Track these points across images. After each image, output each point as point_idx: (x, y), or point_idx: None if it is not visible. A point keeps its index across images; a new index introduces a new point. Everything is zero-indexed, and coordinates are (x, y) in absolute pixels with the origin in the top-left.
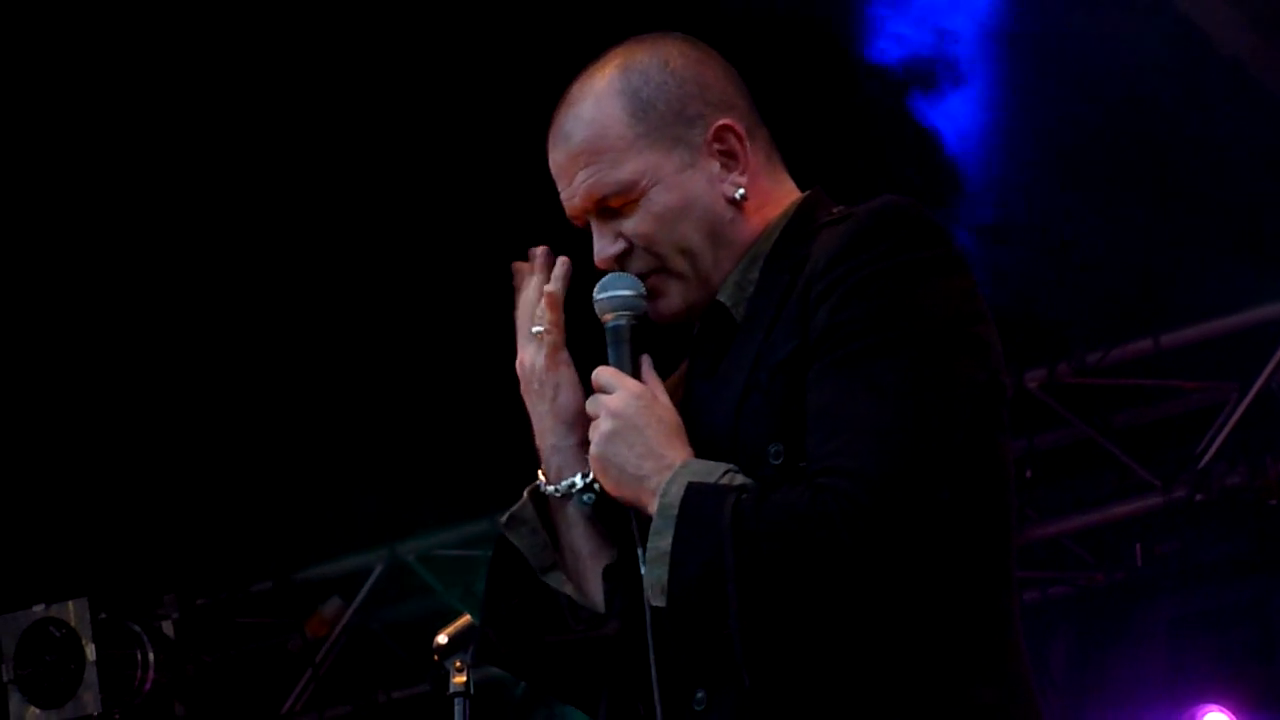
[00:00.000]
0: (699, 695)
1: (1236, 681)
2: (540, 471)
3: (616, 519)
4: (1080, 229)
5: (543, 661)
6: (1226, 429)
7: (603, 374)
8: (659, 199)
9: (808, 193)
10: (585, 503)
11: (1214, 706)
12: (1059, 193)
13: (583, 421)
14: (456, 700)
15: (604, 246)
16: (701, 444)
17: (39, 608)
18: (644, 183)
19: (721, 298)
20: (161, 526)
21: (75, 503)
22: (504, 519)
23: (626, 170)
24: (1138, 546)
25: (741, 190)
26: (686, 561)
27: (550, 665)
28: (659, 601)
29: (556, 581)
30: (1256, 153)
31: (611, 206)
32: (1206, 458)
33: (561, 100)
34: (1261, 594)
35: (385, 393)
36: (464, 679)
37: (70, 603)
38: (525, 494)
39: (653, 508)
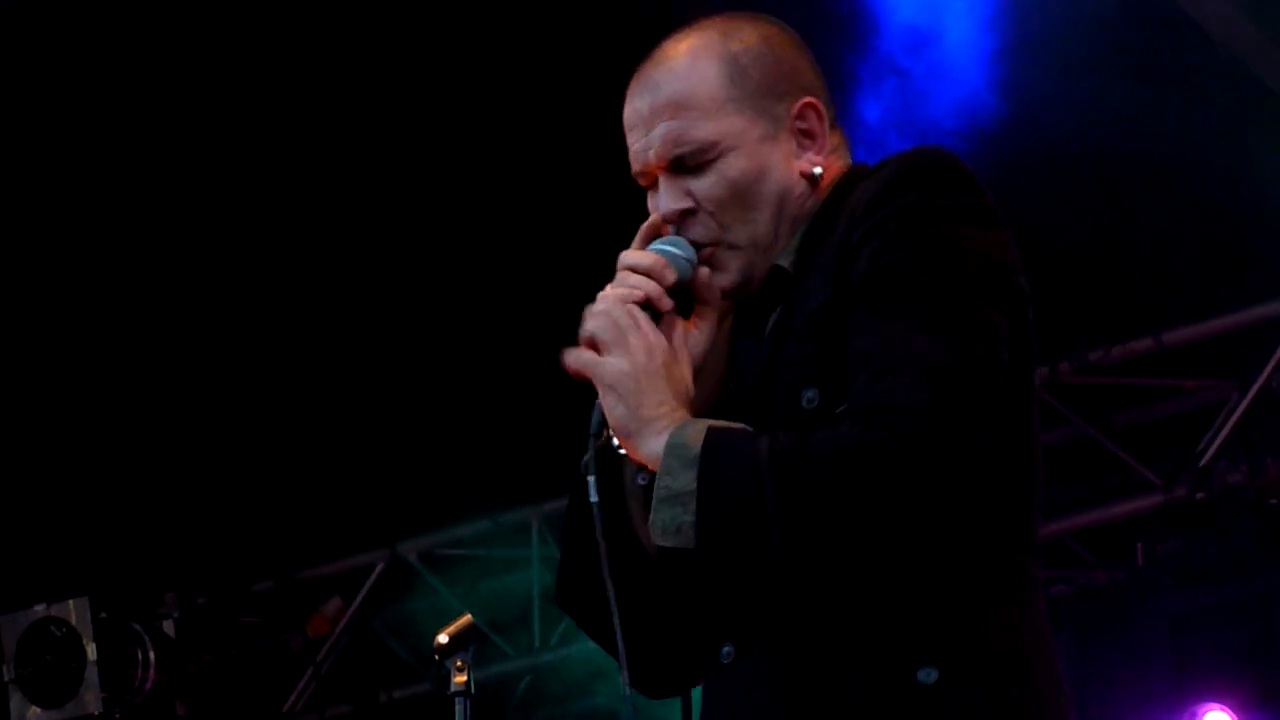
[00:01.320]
0: (725, 650)
1: (1238, 680)
2: None
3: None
4: (1082, 227)
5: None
6: (1227, 428)
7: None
8: (736, 163)
9: (850, 164)
10: (640, 481)
11: (1215, 705)
12: (1059, 191)
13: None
14: (457, 700)
15: (670, 202)
16: (734, 395)
17: (40, 607)
18: (724, 144)
19: (782, 262)
20: (162, 526)
21: (76, 502)
22: (584, 460)
23: (710, 129)
24: (1139, 545)
25: (819, 169)
26: (718, 497)
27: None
28: (670, 542)
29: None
30: (1258, 151)
31: (686, 164)
32: (1207, 456)
33: (650, 55)
34: (1262, 592)
35: (385, 393)
36: (465, 678)
37: (71, 602)
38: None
39: (652, 448)
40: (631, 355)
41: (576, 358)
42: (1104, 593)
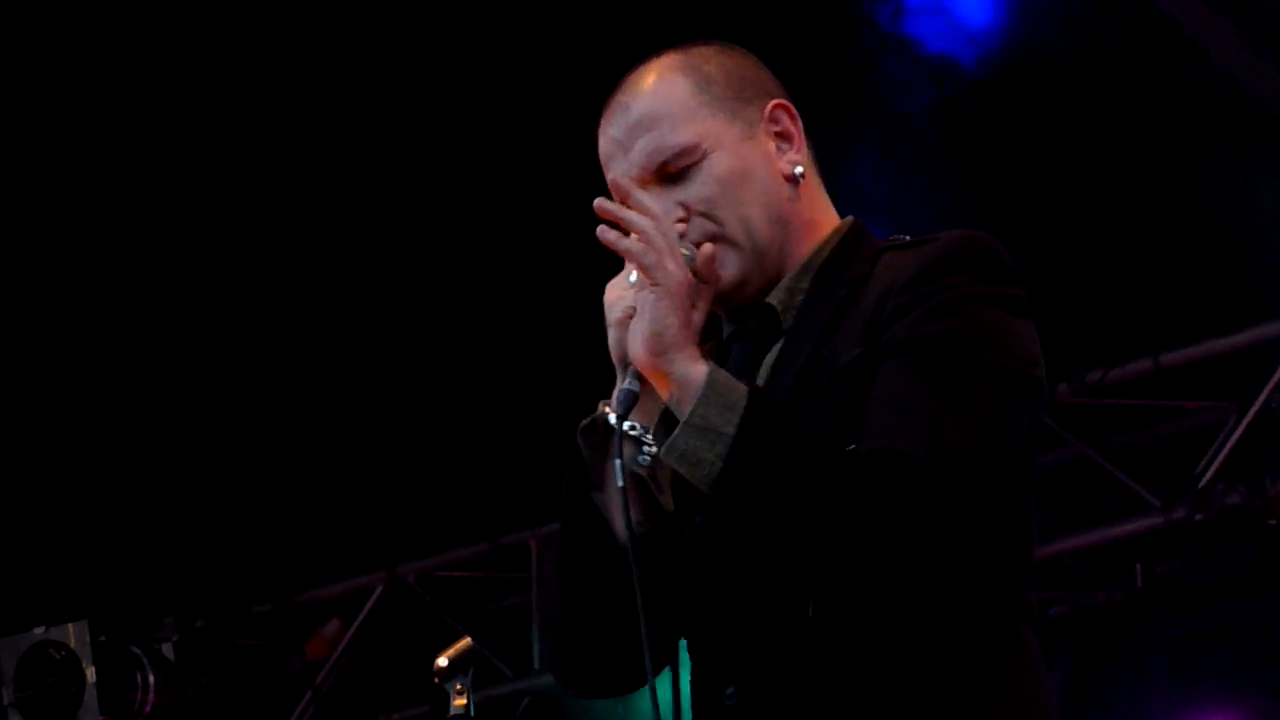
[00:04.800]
0: (729, 691)
1: (1237, 702)
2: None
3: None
4: (1079, 248)
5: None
6: (1226, 448)
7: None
8: (721, 162)
9: (850, 218)
10: (641, 461)
11: None
12: (1056, 211)
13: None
14: None
15: None
16: None
17: (39, 630)
18: (705, 145)
19: (772, 300)
20: (161, 548)
21: (75, 525)
22: (582, 423)
23: (688, 133)
24: (1137, 566)
25: (799, 168)
26: (756, 450)
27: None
28: (679, 467)
29: (600, 503)
30: (1255, 170)
31: (670, 171)
32: (1206, 477)
33: (617, 88)
34: (1262, 614)
35: (385, 414)
36: (464, 701)
37: (70, 625)
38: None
39: (691, 371)
40: (675, 273)
41: (618, 239)
42: (1102, 614)
